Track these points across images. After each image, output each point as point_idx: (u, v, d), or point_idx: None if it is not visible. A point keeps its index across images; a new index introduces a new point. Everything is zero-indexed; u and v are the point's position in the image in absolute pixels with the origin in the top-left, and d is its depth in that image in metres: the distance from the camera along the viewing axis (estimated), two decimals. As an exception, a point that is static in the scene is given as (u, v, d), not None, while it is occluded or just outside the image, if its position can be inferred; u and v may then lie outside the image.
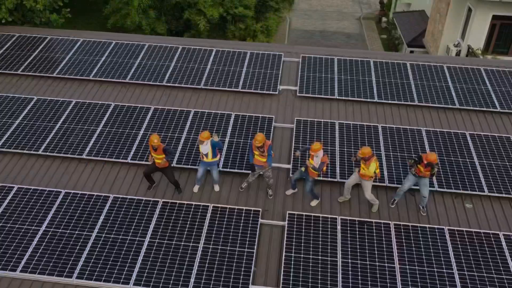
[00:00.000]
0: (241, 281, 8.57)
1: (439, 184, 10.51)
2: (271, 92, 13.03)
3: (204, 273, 8.68)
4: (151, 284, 8.49)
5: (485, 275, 8.78)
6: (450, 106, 12.74)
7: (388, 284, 8.58)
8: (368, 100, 12.89)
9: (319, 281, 8.59)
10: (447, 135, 11.74)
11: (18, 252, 8.93)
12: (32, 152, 11.00)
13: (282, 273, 8.71)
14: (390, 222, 9.65)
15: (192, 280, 8.56)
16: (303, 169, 9.75)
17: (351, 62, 14.24)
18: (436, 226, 9.58)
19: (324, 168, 9.53)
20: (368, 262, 8.93)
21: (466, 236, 9.42)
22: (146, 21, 24.63)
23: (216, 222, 9.57)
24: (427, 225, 9.60)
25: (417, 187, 10.30)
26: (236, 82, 13.31)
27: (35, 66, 13.72)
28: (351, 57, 14.59)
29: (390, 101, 12.85)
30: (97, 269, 8.70)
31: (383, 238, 9.35)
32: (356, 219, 9.70)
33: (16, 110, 12.11)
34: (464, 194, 10.50)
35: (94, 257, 8.89)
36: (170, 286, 8.47)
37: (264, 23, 26.24)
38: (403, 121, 12.41)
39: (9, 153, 11.15)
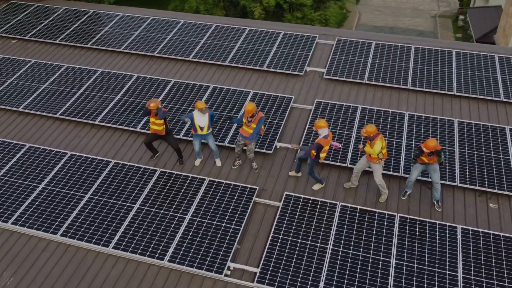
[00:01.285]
0: (220, 256, 8.15)
1: (462, 179, 9.39)
2: (296, 73, 12.42)
3: (185, 244, 8.35)
4: (130, 249, 8.31)
5: (495, 282, 7.66)
6: (494, 98, 11.40)
7: (379, 278, 7.75)
8: (400, 86, 11.88)
9: (302, 266, 7.95)
10: (482, 128, 10.48)
11: (14, 206, 9.14)
12: (50, 115, 11.29)
13: (264, 253, 8.17)
14: (395, 214, 8.74)
15: (171, 250, 8.27)
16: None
17: (389, 47, 13.23)
18: (447, 223, 8.53)
19: (323, 155, 8.85)
20: (361, 253, 8.13)
21: (481, 238, 8.30)
22: (204, 6, 24.83)
23: (209, 196, 9.21)
24: (437, 221, 8.58)
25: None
26: (262, 61, 12.84)
27: (72, 36, 14.14)
28: (391, 42, 13.58)
29: (425, 89, 11.75)
30: (82, 229, 8.67)
31: (384, 230, 8.48)
32: (358, 207, 8.90)
33: (45, 76, 12.52)
34: (490, 192, 9.30)
35: (81, 217, 8.88)
36: (147, 254, 8.24)
37: (322, 12, 25.45)
38: (436, 110, 11.28)
39: (30, 115, 11.53)
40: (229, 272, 8.01)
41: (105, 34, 14.20)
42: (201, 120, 9.42)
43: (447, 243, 8.24)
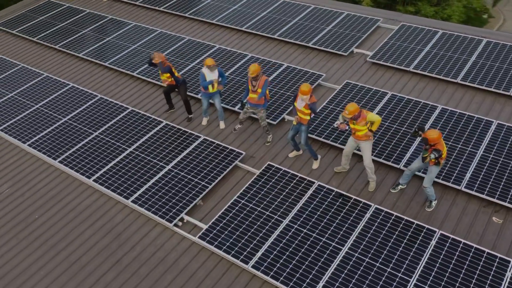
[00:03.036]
0: (177, 207, 8.22)
1: (469, 184, 8.07)
2: (340, 53, 11.75)
3: (152, 190, 8.58)
4: (105, 185, 8.81)
5: (451, 298, 6.52)
6: (560, 106, 9.52)
7: (320, 263, 7.10)
8: (449, 79, 10.53)
9: (249, 234, 7.64)
10: (525, 135, 8.85)
11: (36, 131, 10.25)
12: (101, 62, 12.38)
13: (218, 214, 8.02)
14: (372, 204, 7.88)
15: (138, 193, 8.56)
16: (294, 122, 8.61)
17: (457, 38, 11.76)
18: (426, 226, 7.44)
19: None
20: (314, 235, 7.52)
21: (460, 249, 7.08)
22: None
23: (196, 152, 9.29)
24: (416, 221, 7.53)
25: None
26: (311, 38, 12.40)
27: (148, 0, 15.25)
28: (462, 33, 12.06)
29: (476, 85, 10.26)
30: (77, 160, 9.40)
31: (350, 218, 7.72)
32: (335, 189, 8.21)
33: (112, 31, 13.71)
34: (500, 205, 7.85)
35: (81, 151, 9.63)
36: (118, 191, 8.64)
37: (440, 8, 23.39)
38: (481, 109, 9.80)
39: (87, 61, 12.77)
40: (180, 224, 8.06)
41: (174, 1, 15.01)
42: (211, 76, 9.50)
43: (415, 245, 7.21)
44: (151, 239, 7.92)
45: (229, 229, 7.77)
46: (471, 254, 7.02)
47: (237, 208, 8.11)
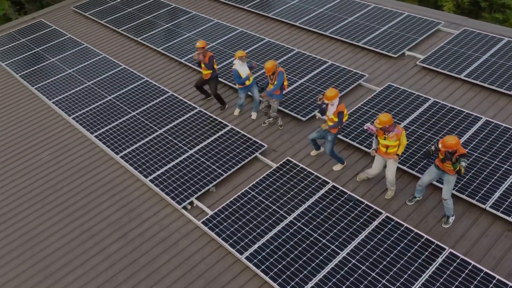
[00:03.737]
0: (189, 191, 8.35)
1: (496, 204, 7.37)
2: (389, 54, 11.22)
3: (170, 172, 8.79)
4: (129, 162, 9.16)
5: (444, 321, 6.01)
6: None
7: (313, 264, 6.87)
8: (502, 90, 9.66)
9: (251, 225, 7.57)
10: None
11: (82, 105, 10.94)
12: (154, 47, 12.87)
13: (226, 202, 8.04)
14: (383, 212, 7.47)
15: (157, 173, 8.81)
16: (323, 127, 8.27)
17: (522, 47, 10.77)
18: (436, 241, 6.92)
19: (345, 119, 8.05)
20: (315, 235, 7.29)
21: (467, 272, 6.50)
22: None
23: (221, 140, 9.37)
24: (426, 236, 7.03)
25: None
26: (362, 37, 11.97)
27: (216, -9, 15.53)
28: (529, 42, 11.01)
29: (532, 100, 9.34)
30: (111, 136, 9.89)
31: (357, 223, 7.37)
32: (349, 192, 7.88)
33: (173, 18, 14.20)
34: (526, 230, 7.10)
35: (116, 128, 10.09)
36: (139, 170, 8.96)
37: (531, 18, 21.44)
38: (530, 126, 8.90)
39: (146, 46, 13.34)
40: (189, 207, 8.19)
41: (242, -8, 15.20)
42: (243, 70, 9.55)
43: (419, 260, 6.73)
44: (159, 218, 8.13)
45: (233, 218, 7.76)
46: (478, 278, 6.42)
47: (245, 199, 8.08)
